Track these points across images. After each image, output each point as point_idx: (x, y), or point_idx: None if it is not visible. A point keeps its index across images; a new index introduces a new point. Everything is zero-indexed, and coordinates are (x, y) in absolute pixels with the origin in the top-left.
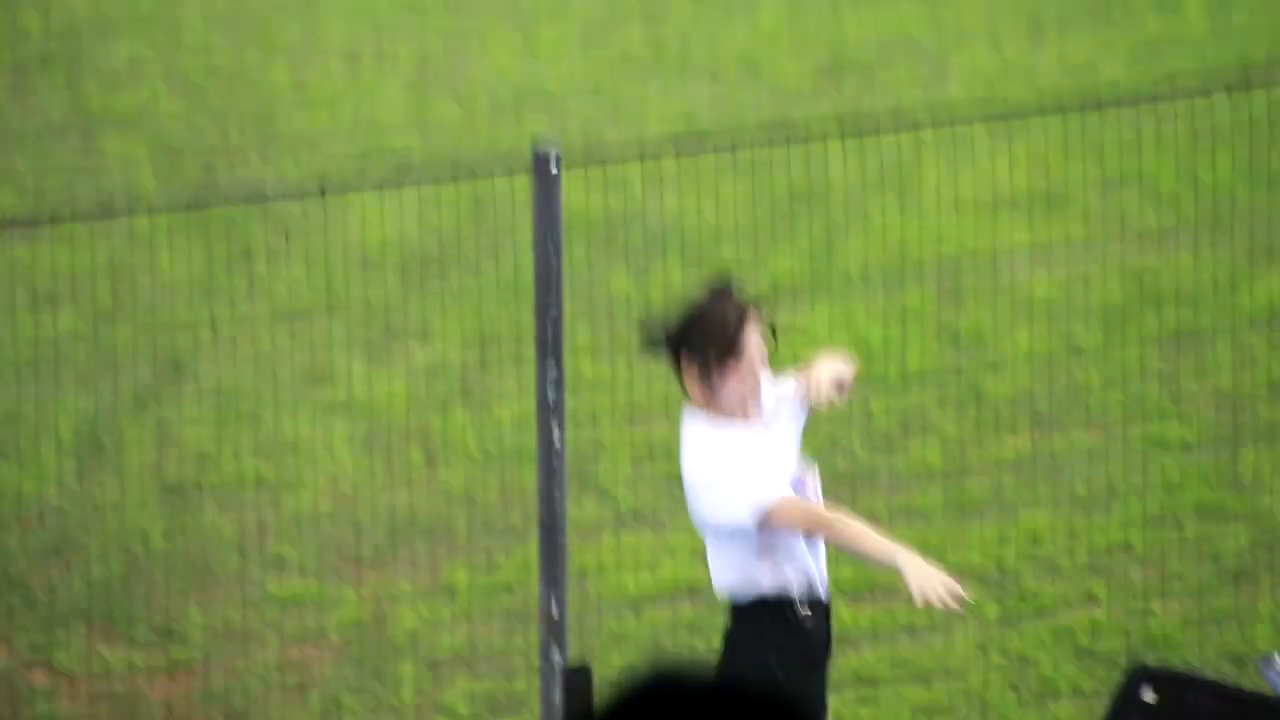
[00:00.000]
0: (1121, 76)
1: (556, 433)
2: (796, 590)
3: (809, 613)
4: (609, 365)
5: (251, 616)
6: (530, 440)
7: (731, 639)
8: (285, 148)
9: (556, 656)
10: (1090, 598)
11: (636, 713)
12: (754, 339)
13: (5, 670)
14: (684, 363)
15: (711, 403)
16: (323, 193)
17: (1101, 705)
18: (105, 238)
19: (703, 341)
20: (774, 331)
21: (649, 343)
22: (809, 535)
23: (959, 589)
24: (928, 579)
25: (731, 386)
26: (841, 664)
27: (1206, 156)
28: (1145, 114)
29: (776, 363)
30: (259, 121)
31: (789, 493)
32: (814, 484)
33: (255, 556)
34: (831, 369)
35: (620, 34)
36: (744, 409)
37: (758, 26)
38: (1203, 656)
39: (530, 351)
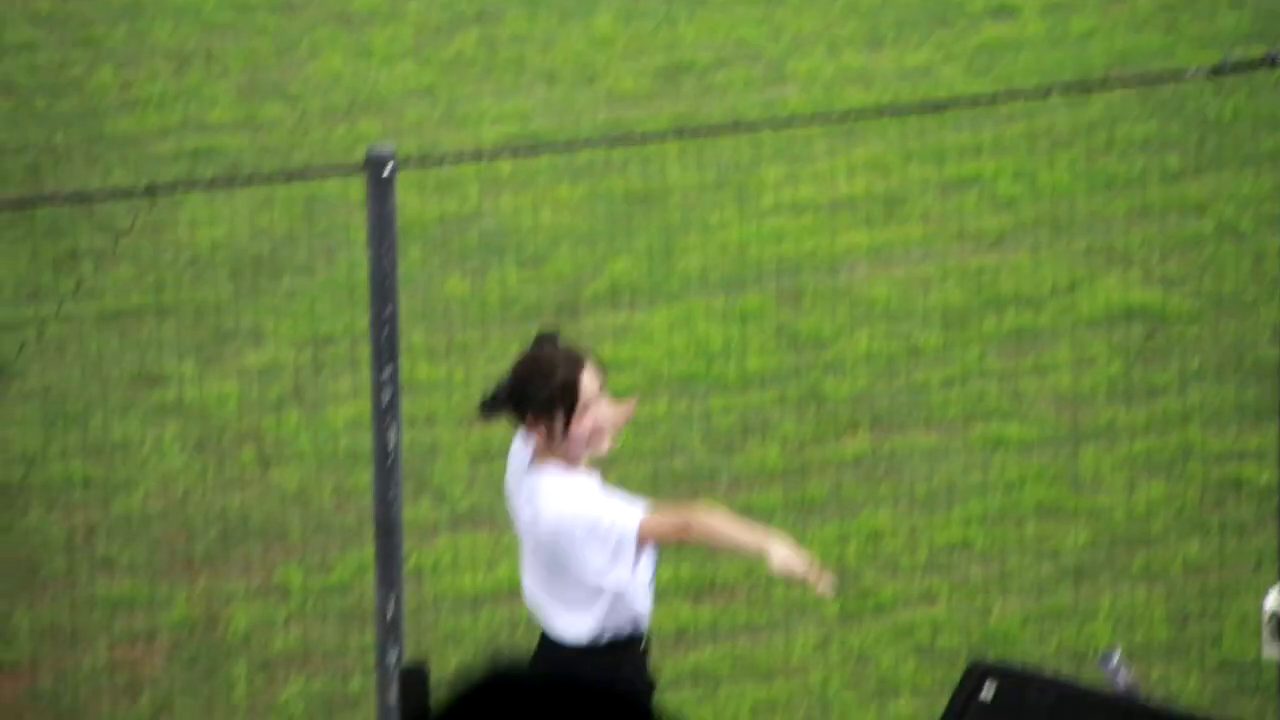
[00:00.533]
0: (959, 81)
1: (392, 434)
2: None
3: (641, 652)
4: (445, 367)
5: (80, 617)
6: (365, 442)
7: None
8: (112, 148)
9: (393, 656)
10: (930, 595)
11: (473, 710)
12: (592, 384)
13: None
14: (530, 422)
15: (564, 454)
16: (151, 193)
17: (941, 702)
18: None
19: (548, 402)
20: (602, 365)
21: (489, 409)
22: (681, 540)
23: (827, 577)
24: (797, 558)
25: (578, 437)
26: (681, 661)
27: (1045, 160)
28: (984, 117)
29: (615, 375)
30: (85, 123)
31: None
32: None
33: (84, 557)
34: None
35: (454, 37)
36: (597, 449)
37: (593, 31)
38: (1042, 653)
39: (365, 353)
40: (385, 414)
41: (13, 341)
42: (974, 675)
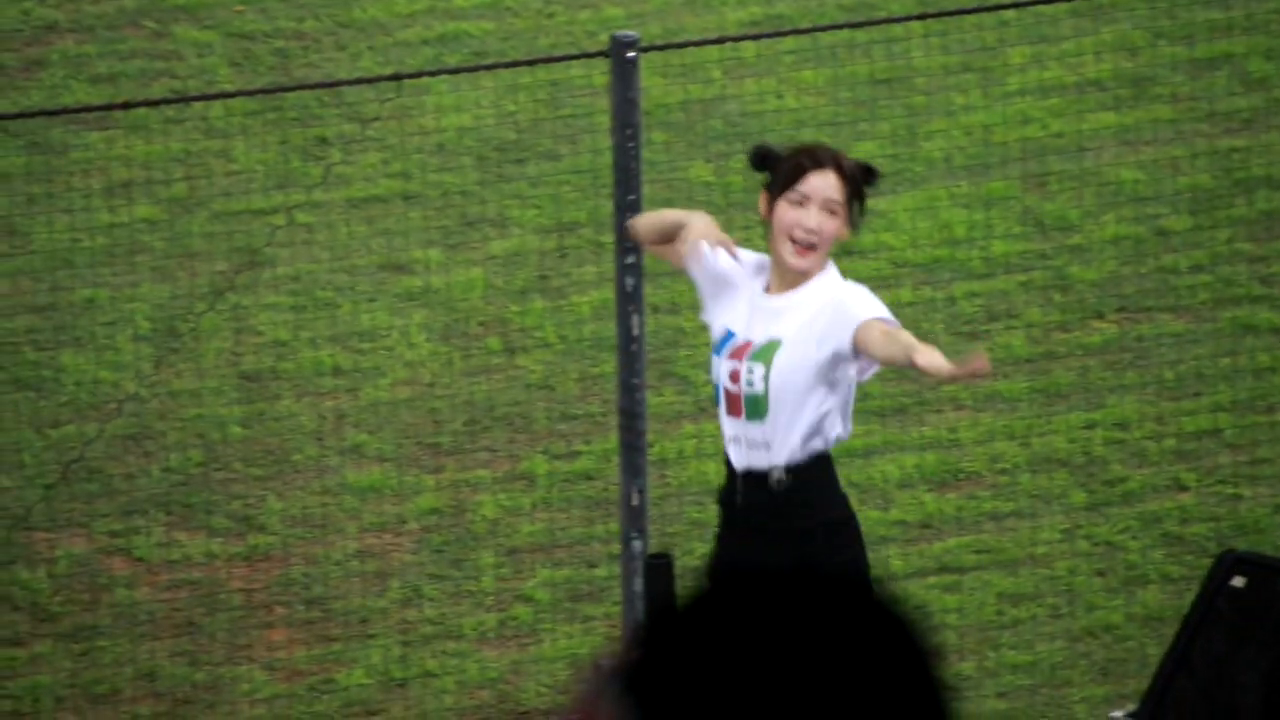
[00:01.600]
0: None
1: (636, 321)
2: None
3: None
4: None
5: (330, 505)
6: (609, 329)
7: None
8: (360, 35)
9: (637, 545)
10: (1179, 484)
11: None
12: (819, 183)
13: (84, 558)
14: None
15: (767, 229)
16: (398, 80)
17: (1190, 592)
18: (179, 126)
19: (772, 166)
20: (861, 201)
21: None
22: (662, 241)
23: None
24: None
25: (779, 220)
26: (926, 551)
27: None
28: None
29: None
30: (333, 9)
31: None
32: (750, 369)
33: (333, 445)
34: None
35: None
36: (782, 253)
37: None
38: None
39: (609, 240)
40: (629, 301)
41: (262, 229)
42: (1224, 565)
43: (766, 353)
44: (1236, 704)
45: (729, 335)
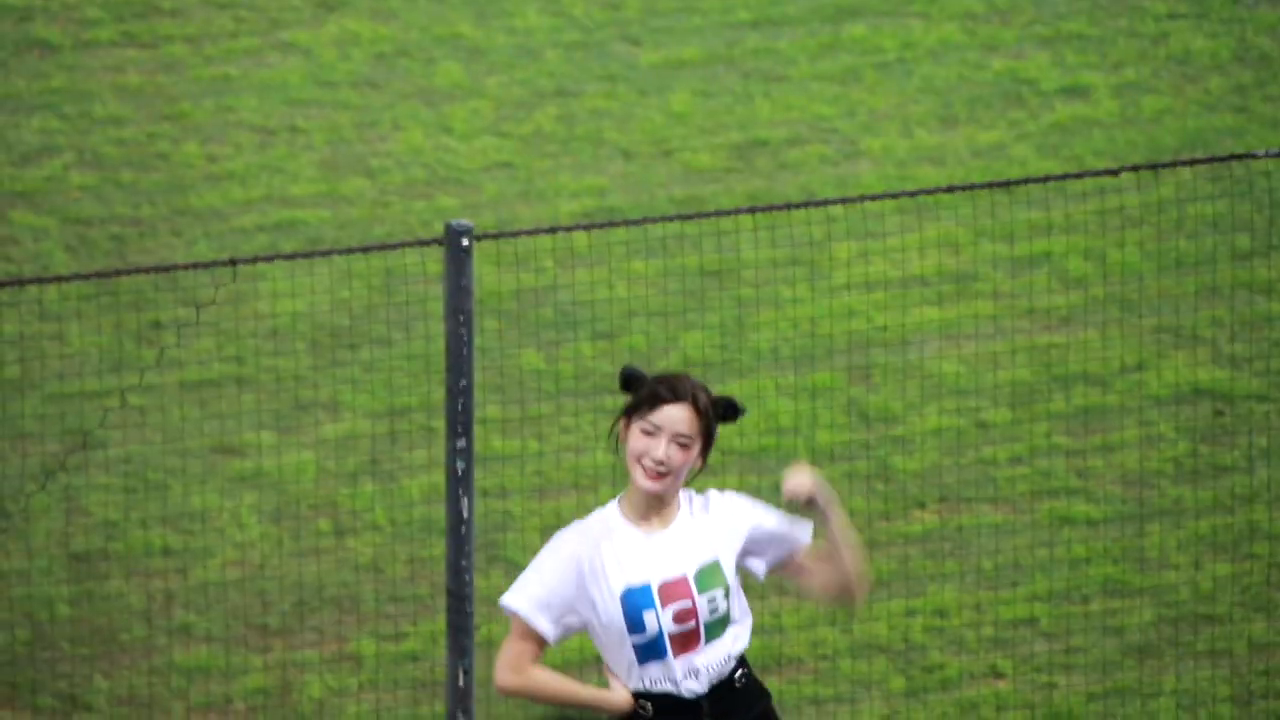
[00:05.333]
0: (1031, 160)
1: (465, 504)
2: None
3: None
4: (519, 439)
5: (158, 684)
6: (439, 512)
7: None
8: (196, 221)
9: None
10: (995, 671)
11: None
12: (673, 415)
13: None
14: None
15: (621, 450)
16: (233, 265)
17: None
18: (14, 309)
19: (636, 389)
20: (718, 422)
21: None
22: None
23: None
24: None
25: (631, 446)
26: None
27: (1115, 238)
28: (1054, 196)
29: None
30: (170, 196)
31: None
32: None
33: (161, 625)
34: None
35: (534, 113)
36: (638, 479)
37: (670, 107)
38: None
39: (440, 425)
40: (459, 485)
41: (95, 411)
42: None
43: (712, 576)
44: None
45: (641, 590)
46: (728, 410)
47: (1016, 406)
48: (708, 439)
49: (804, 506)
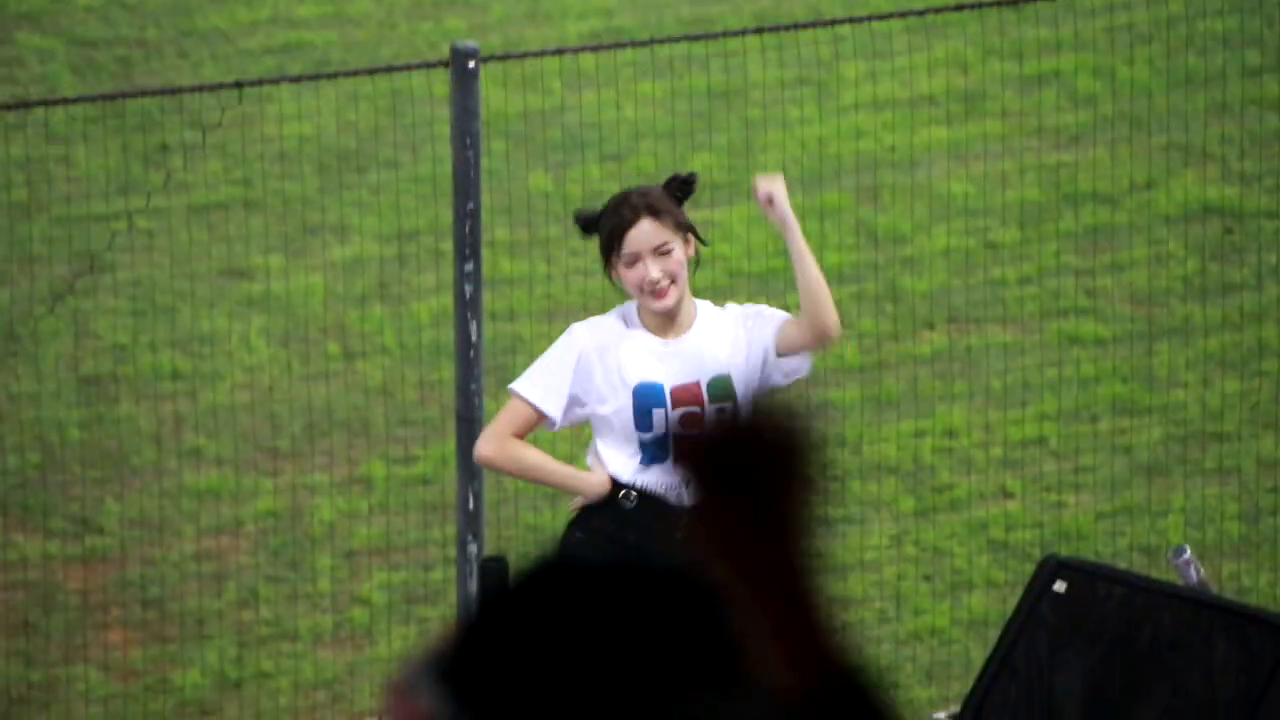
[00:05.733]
0: None
1: (474, 327)
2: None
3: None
4: (527, 262)
5: (168, 507)
6: (448, 336)
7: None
8: (202, 43)
9: (473, 548)
10: (1005, 492)
11: (535, 590)
12: (639, 236)
13: None
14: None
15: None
16: (240, 88)
17: (1014, 596)
18: (20, 132)
19: (596, 230)
20: (690, 229)
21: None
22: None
23: None
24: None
25: (625, 282)
26: None
27: (1124, 56)
28: (1064, 13)
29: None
30: (176, 18)
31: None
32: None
33: (171, 448)
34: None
35: None
36: (647, 303)
37: None
38: (1115, 549)
39: (449, 248)
40: (467, 308)
41: (103, 234)
42: (1046, 570)
43: (724, 387)
44: (1057, 705)
45: (653, 386)
46: (682, 188)
47: (1025, 226)
48: (684, 227)
49: (766, 205)
